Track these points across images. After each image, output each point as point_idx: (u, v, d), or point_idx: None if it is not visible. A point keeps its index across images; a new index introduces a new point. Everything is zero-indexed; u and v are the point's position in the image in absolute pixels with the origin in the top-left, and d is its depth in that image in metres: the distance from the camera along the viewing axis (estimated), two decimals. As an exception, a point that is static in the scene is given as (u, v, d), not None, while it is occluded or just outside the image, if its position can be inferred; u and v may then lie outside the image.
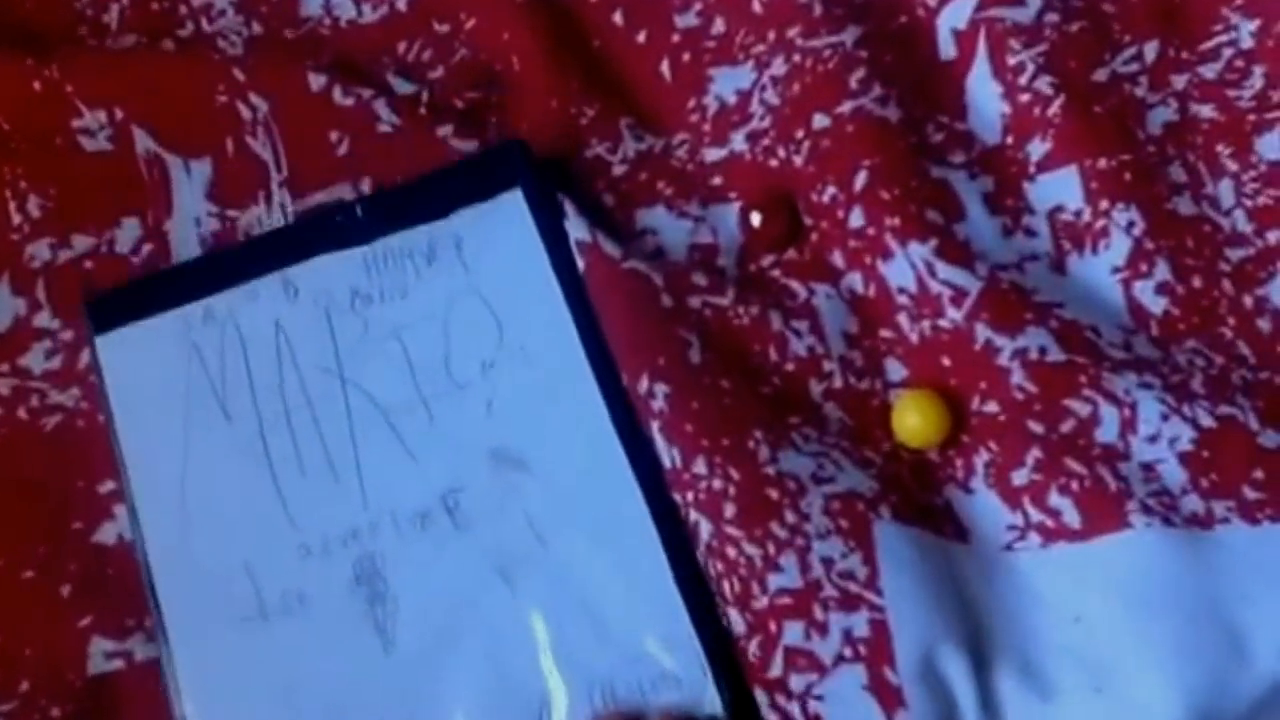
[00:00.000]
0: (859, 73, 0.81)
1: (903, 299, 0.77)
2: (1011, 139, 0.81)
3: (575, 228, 0.79)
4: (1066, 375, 0.73)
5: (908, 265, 0.77)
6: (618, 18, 0.87)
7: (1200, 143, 0.80)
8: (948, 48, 0.83)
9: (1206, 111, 0.81)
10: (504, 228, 0.79)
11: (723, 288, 0.79)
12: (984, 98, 0.82)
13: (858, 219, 0.78)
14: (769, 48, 0.83)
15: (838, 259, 0.80)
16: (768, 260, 0.81)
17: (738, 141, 0.83)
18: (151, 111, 0.84)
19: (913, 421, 0.74)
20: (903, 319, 0.77)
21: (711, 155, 0.83)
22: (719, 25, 0.85)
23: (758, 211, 0.80)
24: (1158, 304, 0.77)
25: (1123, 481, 0.71)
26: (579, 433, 0.75)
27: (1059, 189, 0.79)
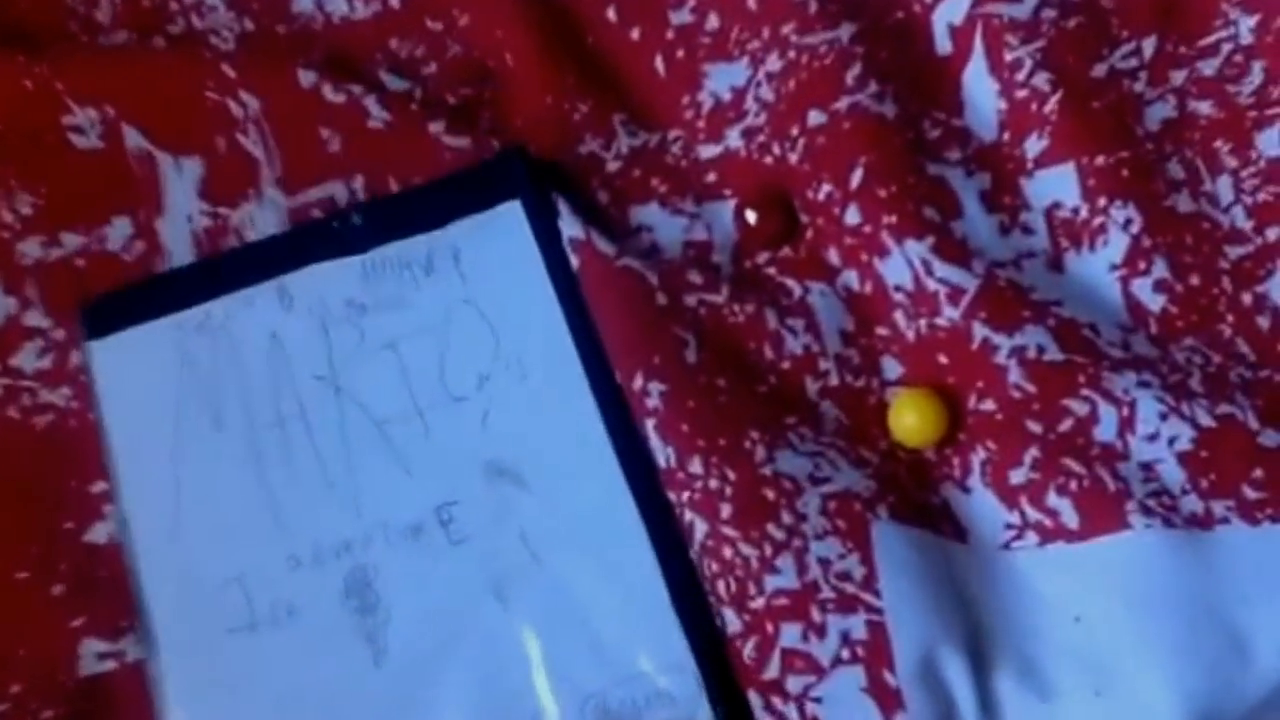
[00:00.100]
0: (855, 69, 0.80)
1: (899, 296, 0.77)
2: (1008, 135, 0.80)
3: (569, 226, 0.78)
4: (1064, 374, 0.73)
5: (904, 263, 0.76)
6: (611, 14, 0.86)
7: (1199, 139, 0.80)
8: (944, 43, 0.83)
9: (1205, 108, 0.80)
10: (502, 239, 0.79)
11: (718, 285, 0.79)
12: (980, 94, 0.81)
13: (854, 216, 0.78)
14: (764, 44, 0.83)
15: (833, 256, 0.79)
16: (763, 257, 0.80)
17: (733, 138, 0.83)
18: (142, 109, 0.84)
19: (910, 420, 0.74)
20: (899, 317, 0.77)
21: (706, 152, 0.83)
22: (713, 21, 0.85)
23: (753, 209, 0.80)
24: (1156, 302, 0.76)
25: (1122, 482, 0.70)
26: (575, 448, 0.75)
27: (1056, 186, 0.79)
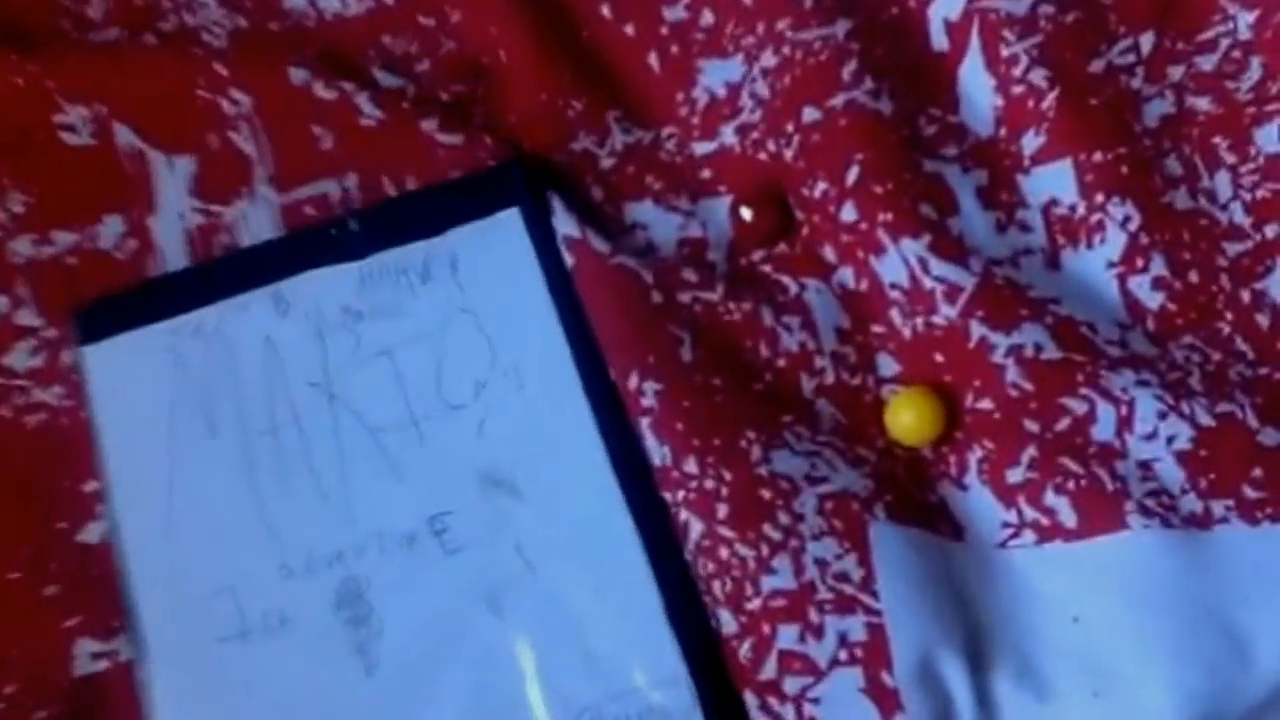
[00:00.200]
0: (850, 65, 0.80)
1: (895, 294, 0.76)
2: (1005, 131, 0.80)
3: (563, 224, 0.78)
4: (1062, 373, 0.73)
5: (900, 261, 0.76)
6: (605, 10, 0.86)
7: (1197, 135, 0.80)
8: (940, 39, 0.82)
9: (1203, 104, 0.80)
10: (500, 247, 0.79)
11: (713, 283, 0.78)
12: (977, 90, 0.81)
13: (850, 213, 0.77)
14: (759, 40, 0.82)
15: (829, 253, 0.79)
16: (758, 255, 0.80)
17: (727, 135, 0.82)
18: (134, 107, 0.83)
19: (907, 419, 0.74)
20: (895, 314, 0.76)
21: (701, 149, 0.83)
22: (708, 17, 0.85)
23: (748, 206, 0.80)
24: (1154, 299, 0.76)
25: (1120, 481, 0.70)
26: (571, 459, 0.74)
27: (1053, 182, 0.78)
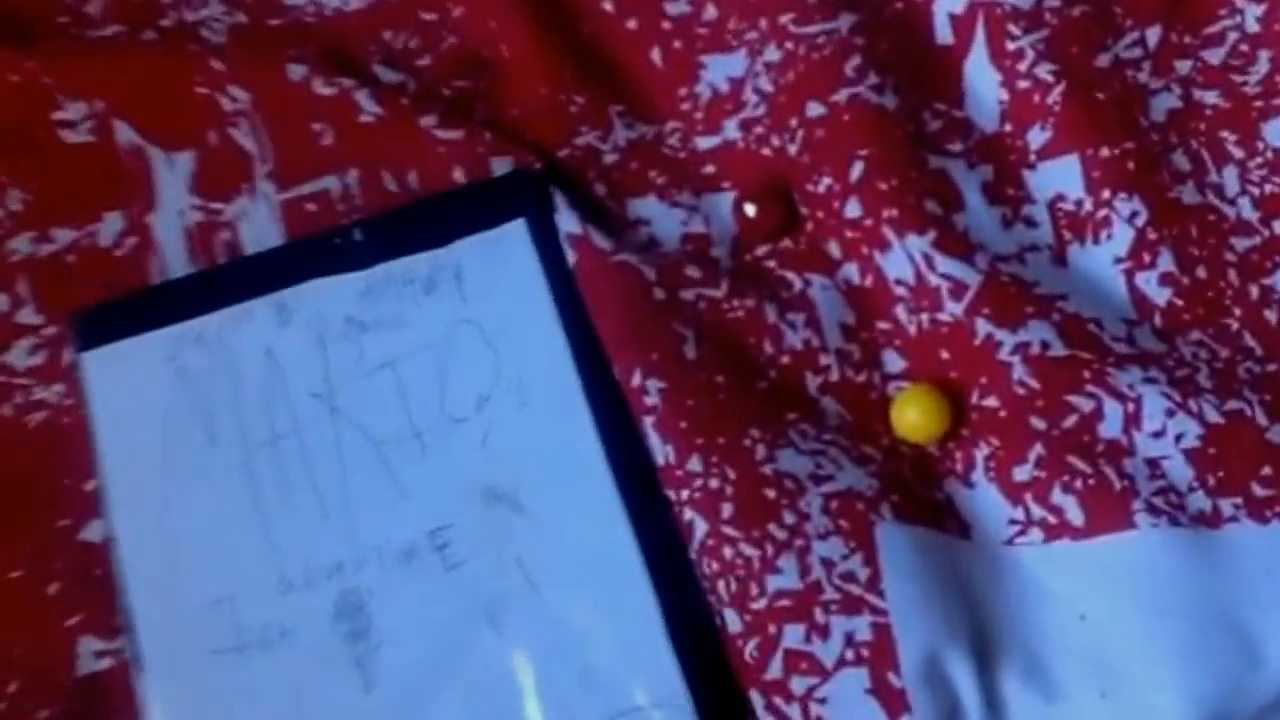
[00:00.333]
0: (854, 60, 0.80)
1: (900, 291, 0.76)
2: (1010, 126, 0.80)
3: (565, 220, 0.78)
4: (1069, 370, 0.72)
5: (905, 258, 0.76)
6: (608, 4, 0.85)
7: (1204, 129, 0.80)
8: (945, 33, 0.82)
9: (1211, 98, 0.80)
10: (506, 259, 0.78)
11: (717, 280, 0.78)
12: (982, 84, 0.81)
13: (854, 209, 0.77)
14: (762, 34, 0.82)
15: (834, 249, 0.79)
16: (762, 250, 0.80)
17: (731, 130, 0.82)
18: (133, 103, 0.83)
19: (913, 417, 0.73)
20: (900, 311, 0.76)
21: (704, 144, 0.82)
22: (710, 11, 0.84)
23: (752, 201, 0.79)
24: (1161, 295, 0.76)
25: (1127, 479, 0.70)
26: (575, 474, 0.74)
27: (1060, 178, 0.78)
